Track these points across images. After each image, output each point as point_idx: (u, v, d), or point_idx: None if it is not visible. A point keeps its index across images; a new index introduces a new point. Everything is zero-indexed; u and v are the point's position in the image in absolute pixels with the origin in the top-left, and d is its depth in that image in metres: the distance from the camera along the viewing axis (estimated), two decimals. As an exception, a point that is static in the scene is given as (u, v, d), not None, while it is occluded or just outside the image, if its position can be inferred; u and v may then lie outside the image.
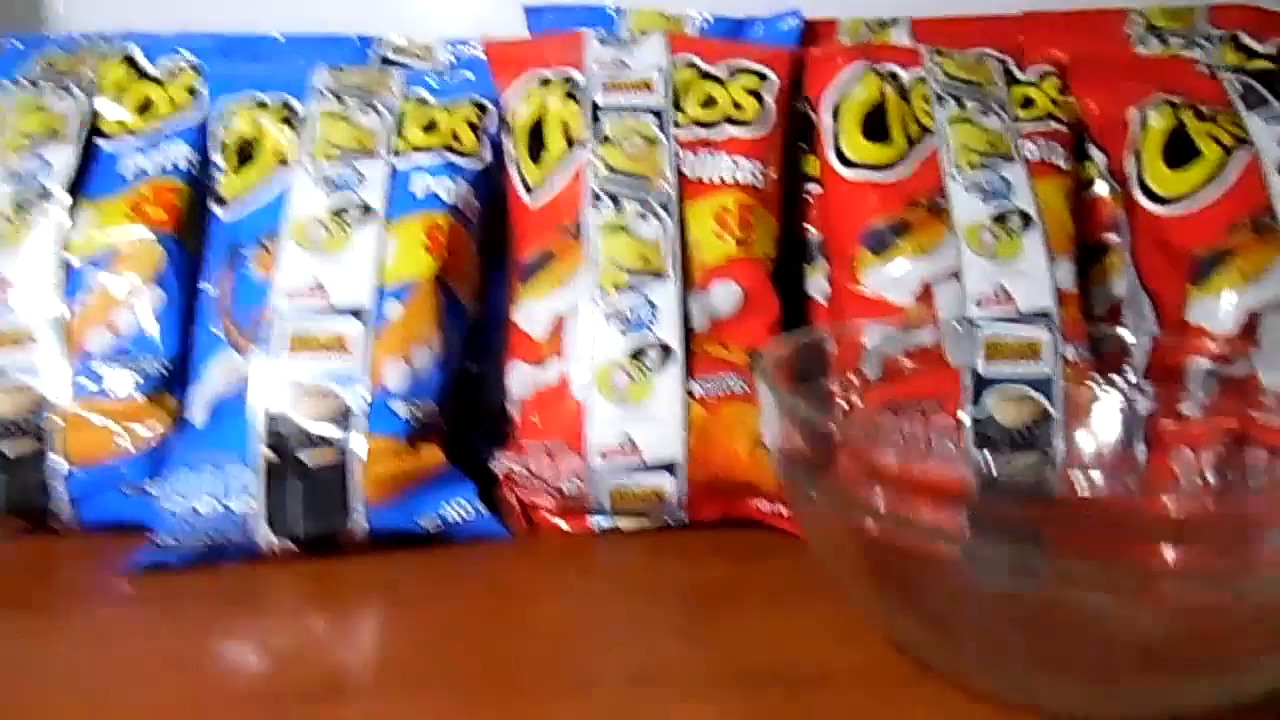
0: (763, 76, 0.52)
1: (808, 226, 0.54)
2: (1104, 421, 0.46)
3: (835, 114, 0.52)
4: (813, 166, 0.54)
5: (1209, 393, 0.45)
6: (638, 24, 0.58)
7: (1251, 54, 0.57)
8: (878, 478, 0.31)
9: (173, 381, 0.47)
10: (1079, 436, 0.46)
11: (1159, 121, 0.51)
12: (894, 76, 0.53)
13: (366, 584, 0.42)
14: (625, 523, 0.47)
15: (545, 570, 0.44)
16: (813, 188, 0.54)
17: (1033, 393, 0.46)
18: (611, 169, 0.48)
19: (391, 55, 0.59)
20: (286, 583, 0.42)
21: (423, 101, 0.51)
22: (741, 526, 0.47)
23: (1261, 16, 0.59)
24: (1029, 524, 0.29)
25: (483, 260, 0.50)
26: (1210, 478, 0.45)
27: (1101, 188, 0.55)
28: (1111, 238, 0.55)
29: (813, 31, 0.61)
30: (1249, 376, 0.46)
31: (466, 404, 0.50)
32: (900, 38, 0.61)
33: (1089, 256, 0.55)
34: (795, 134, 0.54)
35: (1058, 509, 0.32)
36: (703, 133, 0.50)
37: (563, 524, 0.47)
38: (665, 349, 0.45)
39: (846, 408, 0.44)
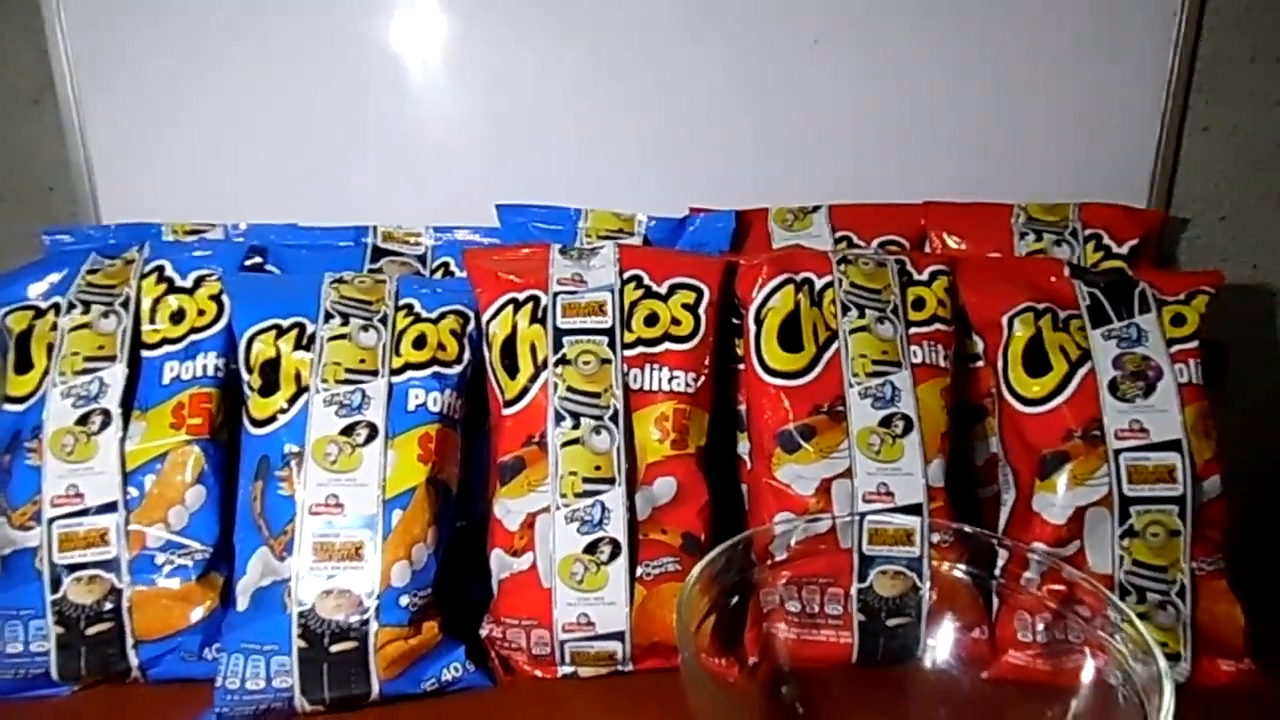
0: (698, 291, 0.62)
1: (740, 399, 0.65)
2: (961, 593, 0.58)
3: (758, 320, 0.63)
4: (741, 348, 0.64)
5: (1043, 570, 0.57)
6: (595, 224, 0.68)
7: (1109, 254, 0.68)
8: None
9: (217, 560, 0.58)
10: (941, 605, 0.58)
11: (1022, 330, 0.62)
12: (808, 284, 0.63)
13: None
14: (585, 671, 0.59)
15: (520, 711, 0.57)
16: (742, 366, 0.65)
17: (906, 570, 0.58)
18: (571, 389, 0.59)
19: (381, 244, 0.69)
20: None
21: (414, 315, 0.61)
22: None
23: (1124, 214, 0.70)
24: None
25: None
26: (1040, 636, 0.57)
27: (980, 363, 0.66)
28: (988, 404, 0.67)
29: (745, 220, 0.71)
30: (1075, 556, 0.59)
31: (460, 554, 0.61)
32: (821, 222, 0.71)
33: (972, 415, 0.67)
34: (728, 318, 0.64)
35: None
36: (646, 350, 0.60)
37: (536, 672, 0.59)
38: (614, 543, 0.57)
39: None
